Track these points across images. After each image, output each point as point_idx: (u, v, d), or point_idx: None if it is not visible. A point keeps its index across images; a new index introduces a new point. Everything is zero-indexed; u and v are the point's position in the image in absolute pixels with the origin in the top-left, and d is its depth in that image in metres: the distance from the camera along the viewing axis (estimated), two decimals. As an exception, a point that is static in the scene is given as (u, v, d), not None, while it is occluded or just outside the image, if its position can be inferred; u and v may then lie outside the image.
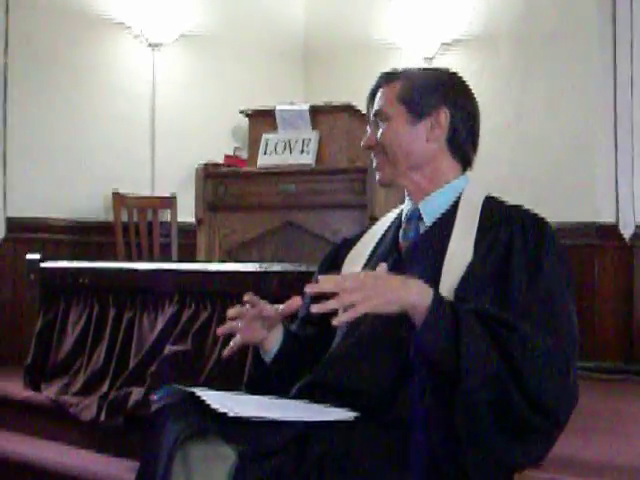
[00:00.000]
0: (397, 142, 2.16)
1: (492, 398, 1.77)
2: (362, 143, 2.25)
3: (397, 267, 2.05)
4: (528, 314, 1.88)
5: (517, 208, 2.13)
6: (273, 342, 2.18)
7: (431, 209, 2.16)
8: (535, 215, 2.08)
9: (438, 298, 1.82)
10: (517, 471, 1.93)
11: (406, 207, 2.24)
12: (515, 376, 1.79)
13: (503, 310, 1.88)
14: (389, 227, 2.29)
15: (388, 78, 2.21)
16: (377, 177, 2.24)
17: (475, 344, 1.78)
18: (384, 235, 2.28)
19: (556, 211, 4.96)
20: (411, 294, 1.80)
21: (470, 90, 2.23)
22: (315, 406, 1.94)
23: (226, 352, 2.15)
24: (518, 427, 1.81)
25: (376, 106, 2.21)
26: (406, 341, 1.89)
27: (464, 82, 2.23)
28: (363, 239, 2.32)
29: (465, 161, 2.23)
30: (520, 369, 1.79)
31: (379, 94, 2.21)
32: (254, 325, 2.12)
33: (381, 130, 2.19)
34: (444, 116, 2.15)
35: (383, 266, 1.86)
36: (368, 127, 2.27)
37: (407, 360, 1.90)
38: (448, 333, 1.78)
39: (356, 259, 2.25)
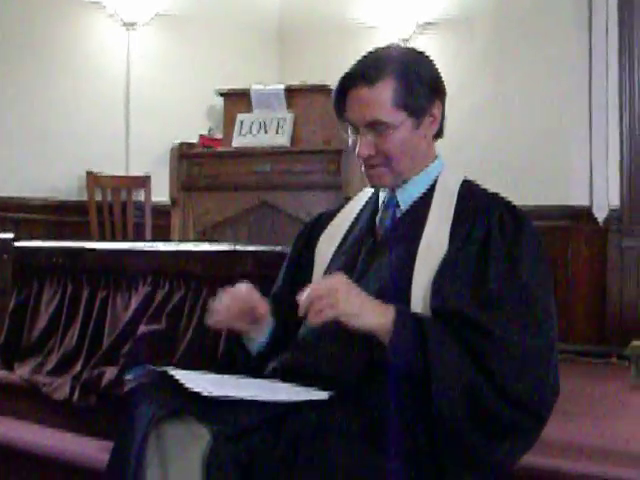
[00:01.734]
0: (406, 150, 2.06)
1: (468, 406, 1.78)
2: (358, 153, 2.06)
3: (372, 253, 2.05)
4: (505, 306, 1.87)
5: (494, 197, 2.09)
6: (258, 332, 2.14)
7: (407, 195, 2.12)
8: (512, 205, 2.06)
9: (400, 318, 1.83)
10: (501, 470, 1.91)
11: (382, 193, 2.17)
12: (490, 380, 1.80)
13: (479, 303, 1.88)
14: (364, 207, 2.24)
15: (368, 80, 2.04)
16: (375, 183, 2.12)
17: (445, 356, 1.80)
18: (359, 215, 2.23)
19: (531, 194, 5.01)
20: (368, 319, 1.83)
21: (434, 63, 2.12)
22: (290, 386, 1.94)
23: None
24: (500, 426, 1.82)
25: (368, 116, 2.04)
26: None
27: (430, 59, 2.12)
28: (338, 217, 2.28)
29: (440, 135, 2.16)
30: (494, 372, 1.80)
31: (361, 97, 2.06)
32: (239, 315, 2.07)
33: (386, 139, 2.03)
34: (438, 109, 2.09)
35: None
36: (352, 133, 2.12)
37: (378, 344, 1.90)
38: (416, 350, 1.81)
39: (331, 238, 2.22)
